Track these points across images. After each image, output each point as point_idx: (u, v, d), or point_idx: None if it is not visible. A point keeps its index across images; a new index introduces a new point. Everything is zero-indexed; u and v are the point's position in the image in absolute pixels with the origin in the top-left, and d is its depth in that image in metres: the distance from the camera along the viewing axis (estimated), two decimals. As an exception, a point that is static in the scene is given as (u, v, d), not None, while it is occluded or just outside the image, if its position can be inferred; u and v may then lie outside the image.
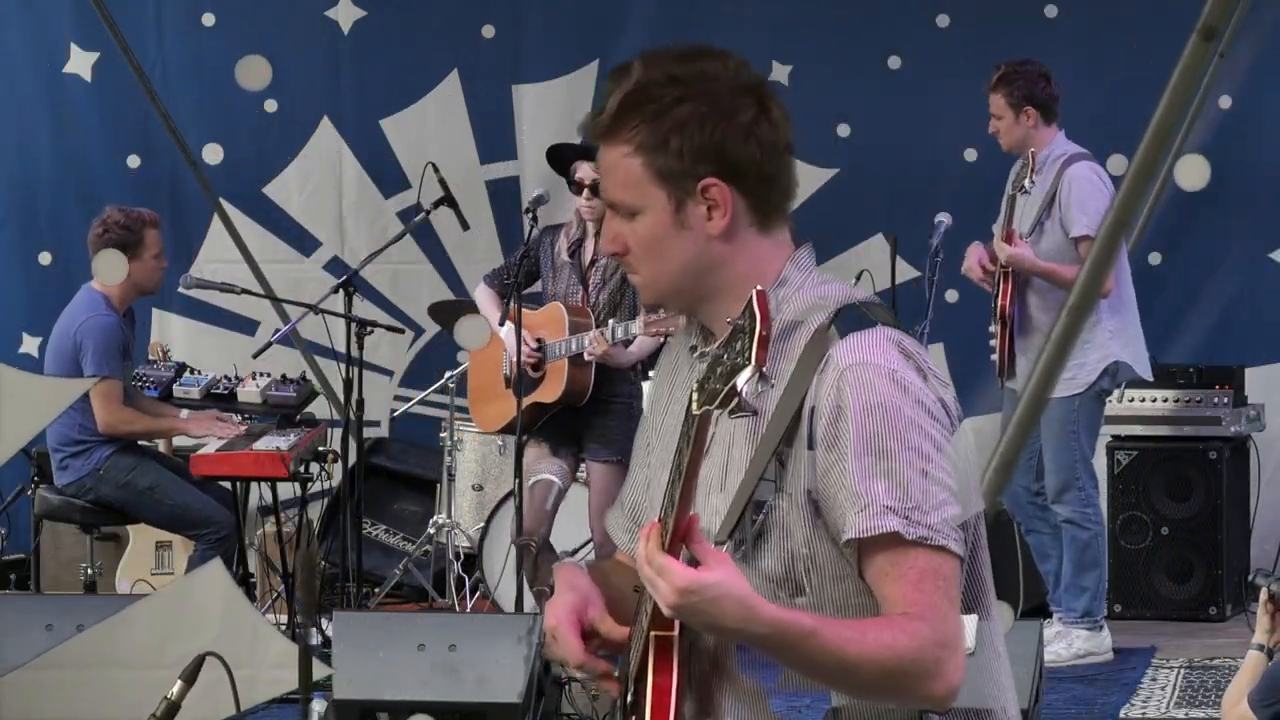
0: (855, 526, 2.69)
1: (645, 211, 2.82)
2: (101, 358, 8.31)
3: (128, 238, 8.45)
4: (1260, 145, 9.70)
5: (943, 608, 2.69)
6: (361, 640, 6.17)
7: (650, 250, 2.84)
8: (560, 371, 7.66)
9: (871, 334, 2.77)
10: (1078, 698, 7.61)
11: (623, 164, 2.81)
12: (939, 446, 2.73)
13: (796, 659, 2.67)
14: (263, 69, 9.46)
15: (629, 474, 3.14)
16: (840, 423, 2.71)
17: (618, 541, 3.13)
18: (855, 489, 2.69)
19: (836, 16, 10.09)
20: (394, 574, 9.26)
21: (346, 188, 10.49)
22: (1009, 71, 8.20)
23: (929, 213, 8.66)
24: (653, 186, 2.81)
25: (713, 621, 2.62)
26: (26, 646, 5.65)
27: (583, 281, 7.77)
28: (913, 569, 2.68)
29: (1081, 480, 8.18)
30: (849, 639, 2.65)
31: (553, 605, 2.91)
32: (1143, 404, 9.14)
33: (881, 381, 2.72)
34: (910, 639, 2.66)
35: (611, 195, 2.85)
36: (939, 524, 2.69)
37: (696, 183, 2.80)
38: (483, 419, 8.34)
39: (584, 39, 10.31)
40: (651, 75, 2.80)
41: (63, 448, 8.46)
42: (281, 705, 5.76)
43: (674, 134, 2.78)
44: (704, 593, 2.59)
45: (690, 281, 2.85)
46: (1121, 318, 8.13)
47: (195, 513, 8.45)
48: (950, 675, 2.69)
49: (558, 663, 3.02)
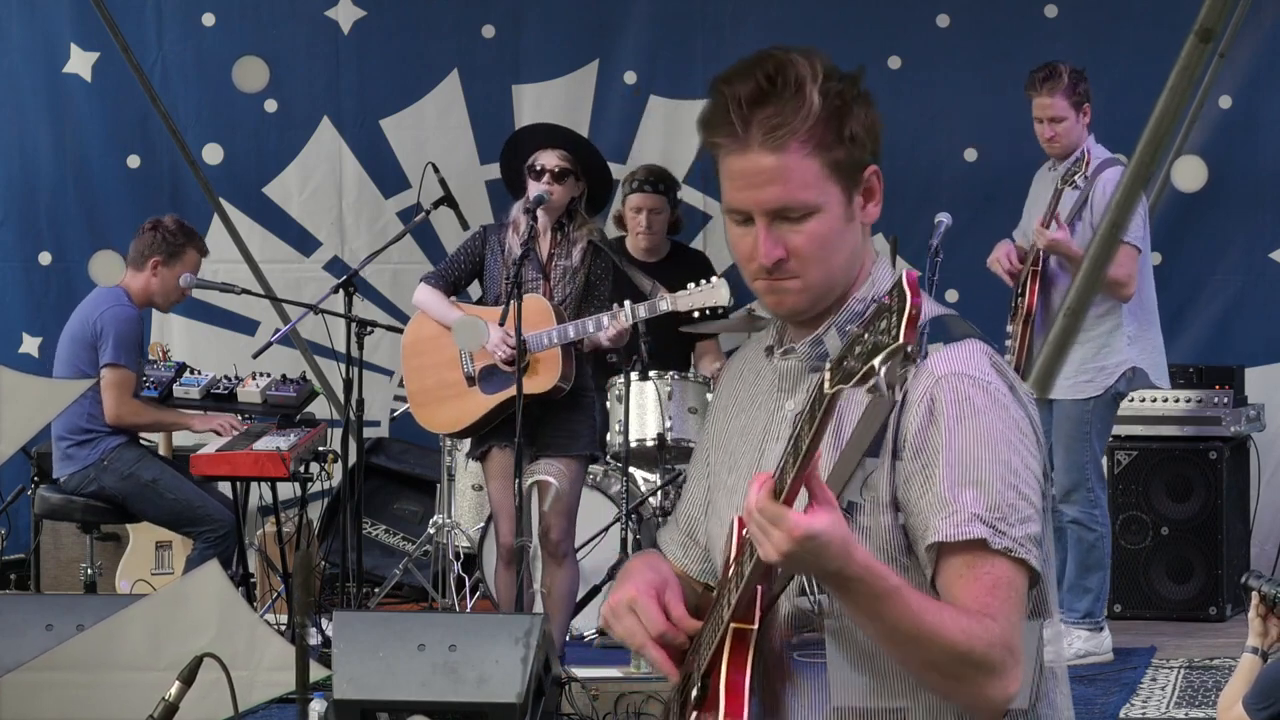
0: (941, 530, 2.69)
1: (823, 209, 2.78)
2: (119, 347, 8.38)
3: (171, 243, 8.57)
4: (1260, 146, 9.69)
5: (1014, 617, 2.70)
6: (361, 640, 6.16)
7: (824, 247, 2.79)
8: (555, 360, 7.62)
9: (965, 345, 2.79)
10: (1078, 698, 7.55)
11: (800, 165, 2.74)
12: (1026, 462, 2.74)
13: (876, 613, 2.64)
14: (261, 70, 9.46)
15: (685, 490, 3.12)
16: (932, 429, 2.71)
17: (670, 556, 3.10)
18: (943, 495, 2.69)
19: (836, 16, 10.09)
20: (394, 574, 9.27)
21: (346, 188, 10.49)
22: (1070, 71, 8.07)
23: (929, 213, 8.65)
24: (829, 183, 2.78)
25: (818, 565, 2.60)
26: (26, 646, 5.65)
27: (546, 277, 7.72)
28: (989, 574, 2.69)
29: (1091, 482, 8.17)
30: (929, 609, 2.64)
31: (633, 580, 2.91)
32: (1143, 404, 9.14)
33: (976, 392, 2.73)
34: (985, 632, 2.66)
35: (790, 199, 2.76)
36: (1023, 538, 2.70)
37: (863, 171, 2.80)
38: (435, 421, 7.95)
39: (584, 39, 10.31)
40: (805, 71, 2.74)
41: (69, 435, 8.48)
42: (282, 705, 5.76)
43: (846, 126, 2.76)
44: (819, 539, 2.56)
45: (844, 276, 2.83)
46: (1141, 324, 8.11)
47: (196, 510, 8.46)
48: (1011, 681, 2.69)
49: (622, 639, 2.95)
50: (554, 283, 7.71)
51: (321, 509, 9.83)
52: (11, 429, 5.65)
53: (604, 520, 8.63)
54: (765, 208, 2.77)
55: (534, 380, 7.57)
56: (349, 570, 8.39)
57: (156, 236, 8.56)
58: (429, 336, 7.81)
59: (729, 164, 2.78)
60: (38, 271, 10.52)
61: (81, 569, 8.75)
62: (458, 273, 7.83)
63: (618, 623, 2.89)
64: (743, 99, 2.73)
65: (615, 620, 2.89)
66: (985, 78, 8.68)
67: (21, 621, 5.90)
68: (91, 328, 8.44)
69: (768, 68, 2.74)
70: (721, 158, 2.79)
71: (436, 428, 8.03)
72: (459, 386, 7.78)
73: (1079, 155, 8.03)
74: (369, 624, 6.33)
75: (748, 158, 2.75)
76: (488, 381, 7.76)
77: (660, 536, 3.14)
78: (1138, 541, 9.10)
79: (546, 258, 7.72)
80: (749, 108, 2.73)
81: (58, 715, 5.45)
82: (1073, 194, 8.03)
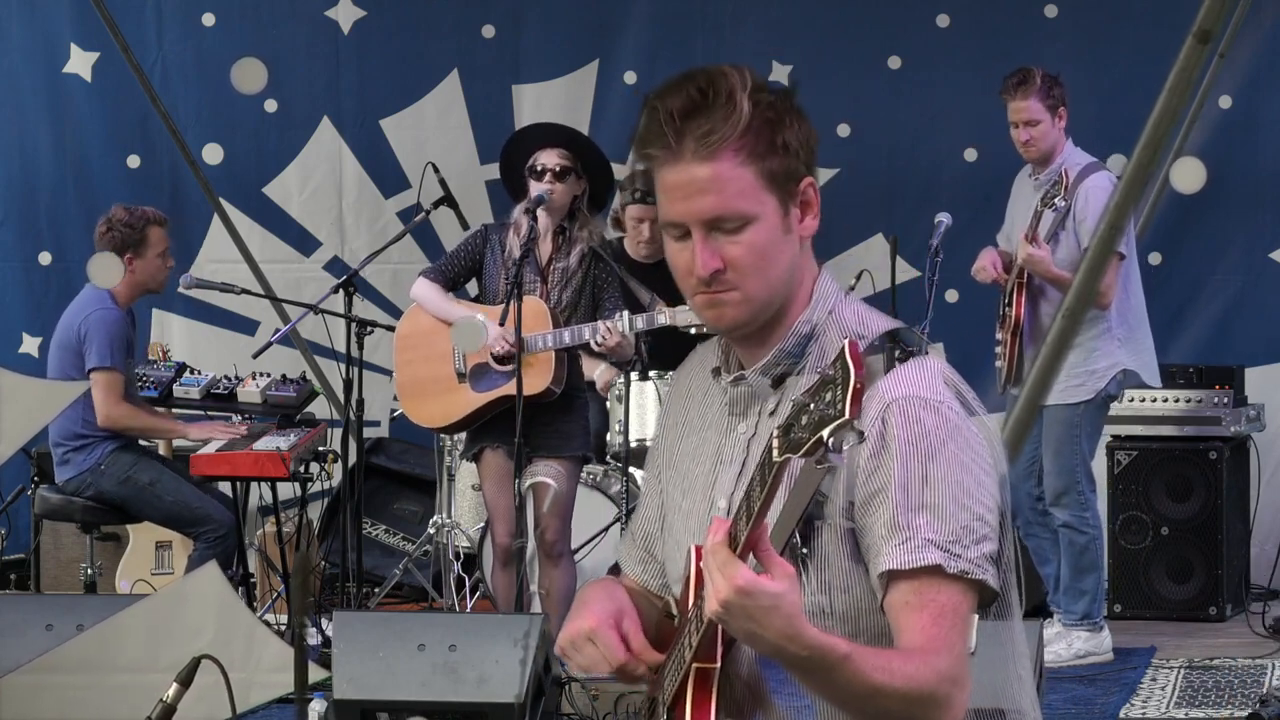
0: (896, 559, 2.69)
1: (759, 219, 2.77)
2: (105, 349, 8.33)
3: (130, 236, 8.47)
4: (1260, 146, 9.70)
5: (957, 646, 2.70)
6: (361, 640, 6.16)
7: (762, 258, 2.78)
8: (548, 363, 7.62)
9: (916, 365, 2.77)
10: (1078, 698, 7.61)
11: (734, 174, 2.74)
12: (979, 480, 2.74)
13: (825, 684, 2.67)
14: (259, 72, 9.45)
15: (639, 504, 3.13)
16: (884, 455, 2.71)
17: (629, 571, 3.12)
18: (896, 520, 2.69)
19: (836, 16, 10.09)
20: (394, 574, 9.26)
21: (346, 188, 10.49)
22: (1043, 75, 8.09)
23: (929, 213, 8.66)
24: (765, 193, 2.76)
25: (756, 630, 2.59)
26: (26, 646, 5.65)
27: (543, 280, 7.72)
28: (934, 602, 2.69)
29: (1081, 485, 8.17)
30: (877, 667, 2.65)
31: (590, 610, 2.90)
32: (1143, 404, 9.14)
33: (927, 414, 2.72)
34: (930, 672, 2.67)
35: (724, 208, 2.76)
36: (978, 558, 2.71)
37: (799, 182, 2.79)
38: (422, 415, 7.92)
39: (584, 39, 10.31)
40: (735, 82, 2.75)
41: (65, 442, 8.46)
42: (282, 705, 5.76)
43: (779, 135, 2.75)
44: (760, 599, 2.56)
45: (784, 290, 2.82)
46: (1130, 326, 8.11)
47: (195, 511, 8.45)
48: (957, 710, 2.71)
49: (583, 670, 2.95)
50: (551, 286, 7.71)
51: (321, 509, 9.83)
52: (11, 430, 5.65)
53: (603, 520, 8.64)
54: (700, 218, 2.77)
55: (525, 382, 7.56)
56: (349, 570, 8.39)
57: (114, 235, 8.51)
58: (423, 330, 7.81)
59: (664, 177, 2.78)
60: (38, 271, 10.52)
61: (81, 569, 8.74)
62: (457, 269, 7.83)
63: (577, 654, 2.89)
64: (675, 111, 2.74)
65: (575, 651, 2.89)
66: (985, 78, 8.66)
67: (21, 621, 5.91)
68: (76, 333, 8.41)
69: (699, 80, 2.75)
70: (656, 171, 2.79)
71: (423, 421, 7.99)
72: (449, 382, 7.78)
73: (1057, 176, 8.01)
74: (369, 624, 6.33)
75: (681, 169, 2.75)
76: (478, 379, 7.76)
77: (619, 552, 3.14)
78: (1138, 541, 9.10)
79: (546, 261, 7.72)
80: (681, 120, 2.74)
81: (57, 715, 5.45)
82: (1051, 214, 8.04)
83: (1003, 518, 2.79)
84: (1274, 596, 9.18)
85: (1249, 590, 9.28)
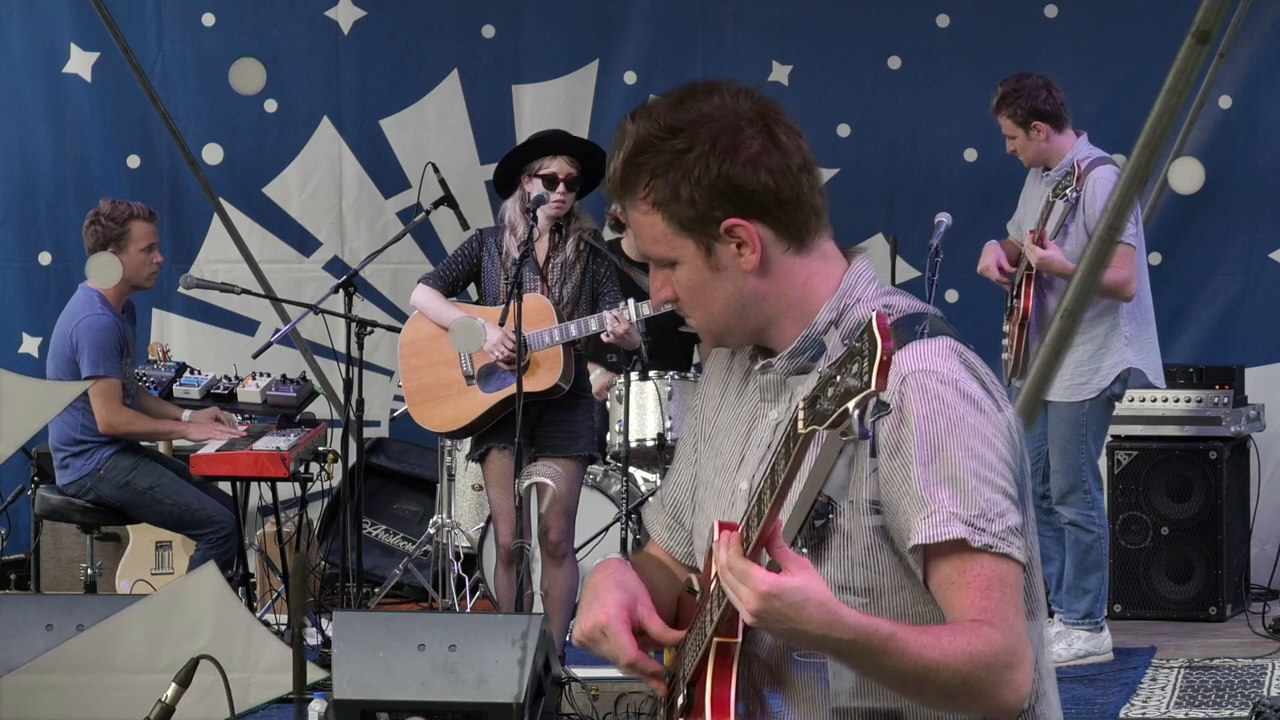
0: (921, 532, 2.69)
1: (681, 262, 2.84)
2: (98, 357, 8.28)
3: (112, 229, 8.37)
4: (1259, 146, 9.70)
5: (1011, 616, 2.69)
6: (361, 640, 6.16)
7: (695, 296, 2.86)
8: (556, 359, 7.63)
9: (934, 343, 2.78)
10: (1078, 698, 7.62)
11: (645, 221, 2.84)
12: (1000, 454, 2.74)
13: (875, 665, 2.66)
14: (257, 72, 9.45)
15: (670, 471, 3.14)
16: (903, 429, 2.71)
17: (656, 538, 3.14)
18: (920, 495, 2.69)
19: (836, 16, 10.09)
20: (394, 574, 9.27)
21: (346, 188, 10.49)
22: (1008, 90, 8.11)
23: (929, 213, 8.66)
24: (678, 238, 2.83)
25: (796, 627, 2.59)
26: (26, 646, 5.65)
27: (543, 278, 7.73)
28: (979, 576, 2.69)
29: (1088, 483, 8.17)
30: (927, 644, 2.64)
31: (601, 601, 2.90)
32: (1143, 404, 9.14)
33: (944, 389, 2.73)
34: (985, 644, 2.66)
35: (645, 251, 2.88)
36: (1003, 531, 2.70)
37: (718, 225, 2.80)
38: (434, 420, 7.92)
39: (584, 39, 10.31)
40: (648, 130, 2.80)
41: (64, 447, 8.45)
42: (282, 705, 5.76)
43: (682, 183, 2.79)
44: (787, 597, 2.57)
45: (739, 319, 2.86)
46: (1138, 324, 8.11)
47: (196, 512, 8.44)
48: (1020, 683, 2.69)
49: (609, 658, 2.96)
50: (551, 282, 7.72)
51: (321, 509, 9.83)
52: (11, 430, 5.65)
53: (604, 520, 8.64)
54: (641, 254, 2.95)
55: (534, 379, 7.57)
56: (349, 570, 8.39)
57: (96, 229, 8.46)
58: (427, 336, 7.81)
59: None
60: (38, 271, 10.52)
61: (81, 569, 8.74)
62: (455, 274, 7.84)
63: (596, 647, 2.92)
64: (611, 152, 2.86)
65: (593, 645, 2.91)
66: (985, 78, 8.66)
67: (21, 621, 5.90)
68: (69, 342, 8.36)
69: (618, 134, 2.85)
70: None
71: (435, 427, 8.00)
72: (458, 385, 7.79)
73: (1069, 168, 8.03)
74: (369, 624, 6.33)
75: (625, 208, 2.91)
76: (486, 380, 7.76)
77: (646, 515, 3.15)
78: (1138, 541, 9.10)
79: (544, 259, 7.73)
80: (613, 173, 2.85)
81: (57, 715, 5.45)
82: (1063, 205, 8.04)
83: (1025, 495, 2.78)
84: (1274, 596, 9.19)
85: (1249, 590, 9.28)
